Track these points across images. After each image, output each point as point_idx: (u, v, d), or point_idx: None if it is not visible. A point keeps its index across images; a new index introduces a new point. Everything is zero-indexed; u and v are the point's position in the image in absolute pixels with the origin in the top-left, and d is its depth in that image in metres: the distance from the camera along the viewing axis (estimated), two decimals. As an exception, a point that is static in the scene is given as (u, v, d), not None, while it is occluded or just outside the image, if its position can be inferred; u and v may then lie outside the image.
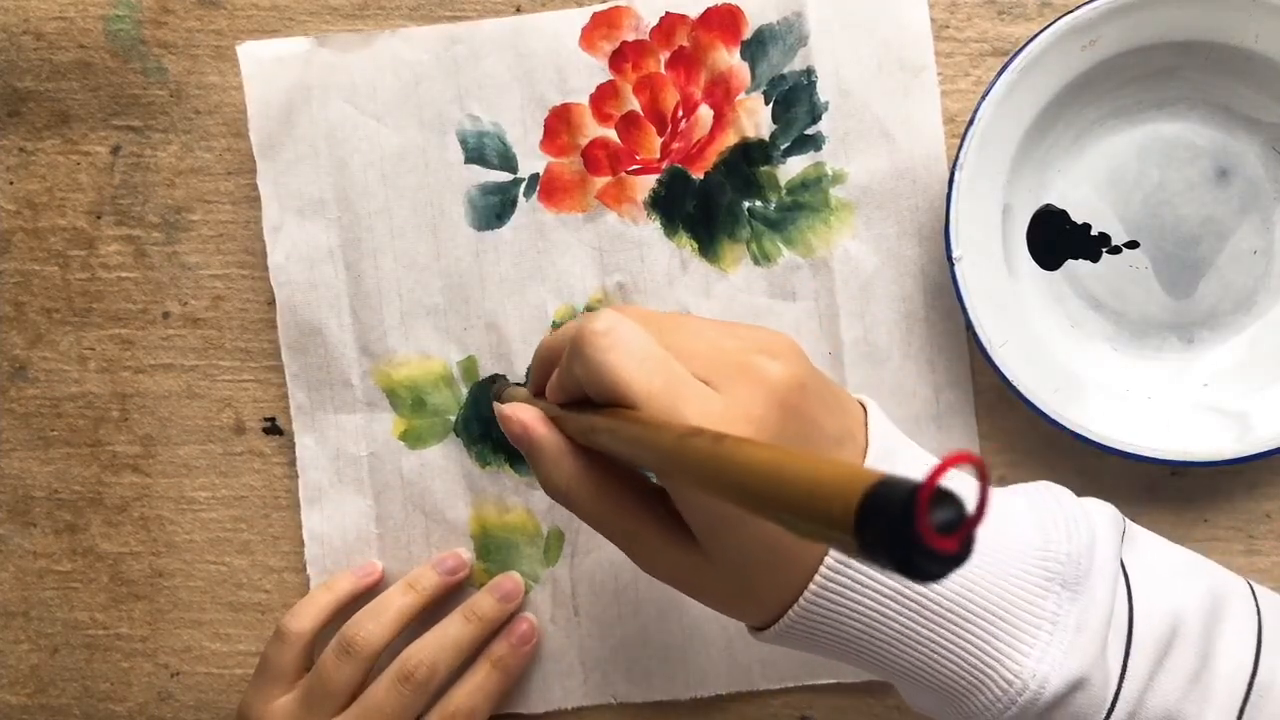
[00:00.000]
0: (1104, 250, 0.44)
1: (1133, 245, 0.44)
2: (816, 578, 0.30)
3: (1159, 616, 0.32)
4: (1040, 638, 0.30)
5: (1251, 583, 0.36)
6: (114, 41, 0.47)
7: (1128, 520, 0.35)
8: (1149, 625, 0.32)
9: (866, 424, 0.32)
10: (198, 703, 0.49)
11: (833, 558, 0.30)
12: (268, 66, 0.46)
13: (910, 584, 0.30)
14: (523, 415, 0.32)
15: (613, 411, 0.29)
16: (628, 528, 0.31)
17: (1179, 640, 0.32)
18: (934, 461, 0.33)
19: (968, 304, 0.41)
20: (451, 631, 0.44)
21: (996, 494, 0.34)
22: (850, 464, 0.19)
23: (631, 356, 0.29)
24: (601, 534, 0.32)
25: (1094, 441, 0.41)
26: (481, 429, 0.47)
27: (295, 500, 0.47)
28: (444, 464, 0.47)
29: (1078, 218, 0.44)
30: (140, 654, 0.49)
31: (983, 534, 0.31)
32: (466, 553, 0.47)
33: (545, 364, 0.34)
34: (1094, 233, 0.44)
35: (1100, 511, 0.34)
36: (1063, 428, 0.41)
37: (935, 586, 0.30)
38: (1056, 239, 0.44)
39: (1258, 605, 0.34)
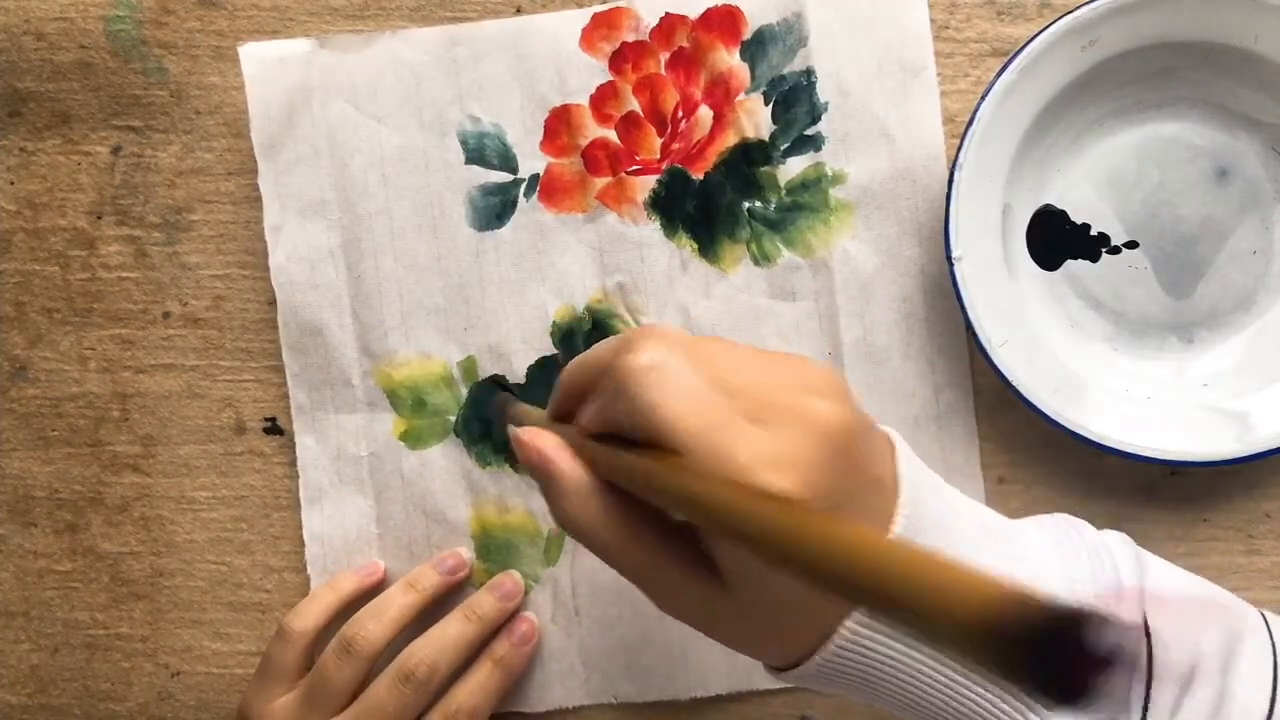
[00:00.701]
0: (1103, 250, 0.44)
1: (1132, 245, 0.44)
2: (849, 622, 0.29)
3: (1178, 651, 0.32)
4: None
5: (1264, 612, 0.36)
6: (115, 42, 0.47)
7: (1140, 550, 0.35)
8: (1168, 660, 0.32)
9: (894, 460, 0.31)
10: (198, 702, 0.49)
11: None
12: (269, 67, 0.46)
13: None
14: (542, 444, 0.30)
15: (658, 455, 0.27)
16: (648, 567, 0.30)
17: (1199, 674, 0.32)
18: (965, 500, 0.32)
19: (967, 304, 0.41)
20: (452, 630, 0.44)
21: (1018, 526, 0.34)
22: (987, 578, 0.18)
23: (680, 396, 0.27)
24: (615, 569, 0.31)
25: (1093, 441, 0.41)
26: (482, 429, 0.47)
27: (296, 500, 0.48)
28: (444, 464, 0.47)
29: (1077, 218, 0.44)
30: (141, 654, 0.49)
31: (1007, 570, 0.30)
32: (467, 552, 0.47)
33: (572, 388, 0.32)
34: (1093, 233, 0.44)
35: (1120, 547, 0.34)
36: (1062, 428, 0.41)
37: None
38: (1056, 239, 0.44)
39: (1271, 635, 0.34)
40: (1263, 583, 0.44)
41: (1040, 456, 0.45)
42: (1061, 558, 0.32)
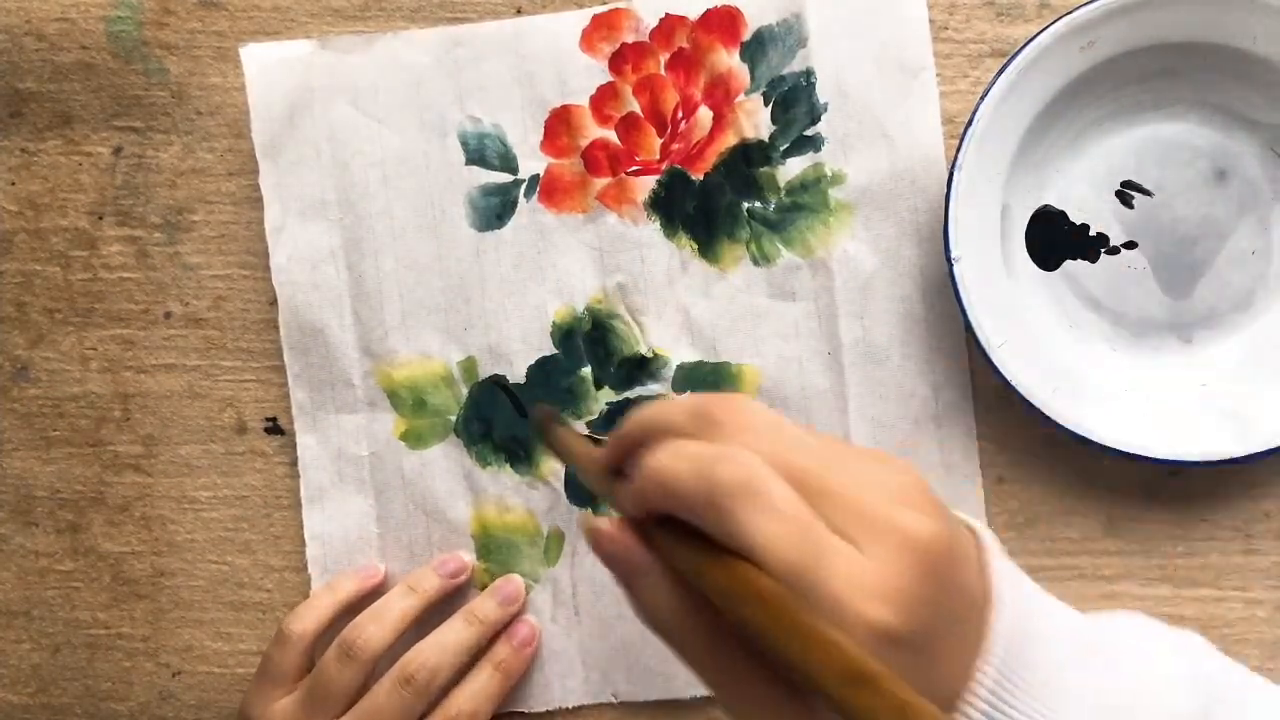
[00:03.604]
0: (1102, 250, 0.44)
1: (1131, 246, 0.44)
2: None
3: None
4: None
5: None
6: (115, 42, 0.47)
7: (1231, 670, 0.33)
8: None
9: (985, 563, 0.29)
10: (199, 702, 0.49)
11: (975, 711, 0.27)
12: (270, 69, 0.46)
13: None
14: (623, 540, 0.28)
15: (729, 564, 0.25)
16: (731, 677, 0.27)
17: None
18: (1055, 604, 0.30)
19: (966, 304, 0.41)
20: (452, 634, 0.44)
21: (1108, 640, 0.31)
22: None
23: (777, 521, 0.25)
24: (696, 673, 0.28)
25: (1093, 441, 0.41)
26: (482, 429, 0.47)
27: (296, 500, 0.48)
28: (445, 464, 0.47)
29: (1076, 218, 0.44)
30: (142, 653, 0.49)
31: (1113, 697, 0.29)
32: (468, 555, 0.47)
33: (635, 444, 0.30)
34: (1092, 233, 0.44)
35: (1207, 660, 0.32)
36: (1061, 428, 0.41)
37: None
38: (1055, 239, 0.44)
39: None
40: (1262, 582, 0.44)
41: (1039, 456, 0.45)
42: (1160, 682, 0.30)
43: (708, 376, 0.46)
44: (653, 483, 0.28)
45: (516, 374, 0.46)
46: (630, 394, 0.46)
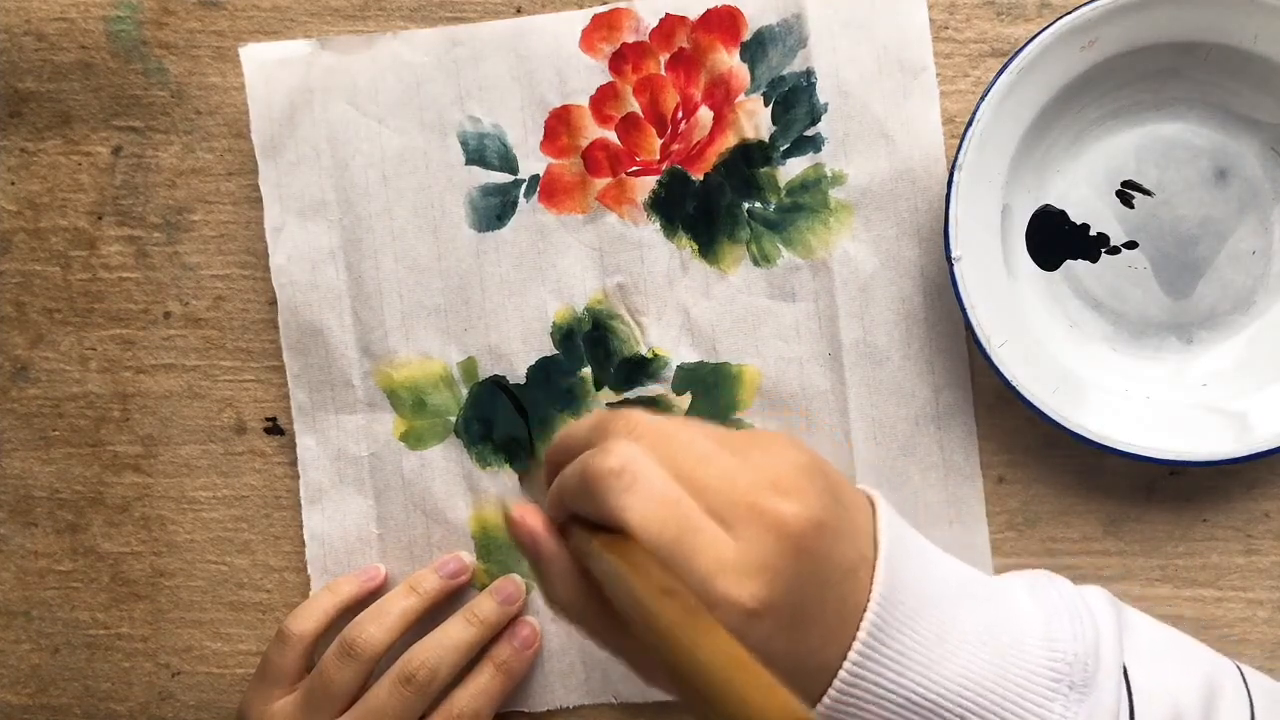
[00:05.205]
0: (1103, 250, 0.44)
1: (1131, 245, 0.44)
2: (826, 699, 0.30)
3: (1158, 706, 0.32)
4: None
5: (1239, 665, 0.36)
6: (115, 42, 0.47)
7: (1119, 604, 0.35)
8: (1149, 714, 0.32)
9: (875, 519, 0.31)
10: (198, 702, 0.49)
11: (846, 671, 0.29)
12: (270, 69, 0.46)
13: (921, 692, 0.30)
14: (532, 524, 0.31)
15: (609, 542, 0.28)
16: (627, 650, 0.31)
17: None
18: (947, 561, 0.33)
19: (967, 304, 0.41)
20: (453, 634, 0.44)
21: (999, 584, 0.34)
22: (789, 702, 0.20)
23: (647, 501, 0.28)
24: (594, 643, 0.31)
25: (1093, 441, 0.41)
26: (482, 430, 0.47)
27: (296, 500, 0.48)
28: (444, 464, 0.47)
29: (1077, 218, 0.44)
30: (141, 654, 0.49)
31: (991, 633, 0.31)
32: (468, 556, 0.47)
33: (555, 465, 0.33)
34: (1093, 233, 0.44)
35: (1100, 604, 0.34)
36: (1062, 427, 0.41)
37: (944, 691, 0.30)
38: (1055, 239, 0.44)
39: (1248, 688, 0.35)
40: (1262, 582, 0.44)
41: (1040, 456, 0.45)
42: (1043, 619, 0.32)
43: (708, 377, 0.46)
44: (556, 487, 0.31)
45: (516, 374, 0.46)
46: (630, 394, 0.46)
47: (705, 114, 0.45)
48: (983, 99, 0.40)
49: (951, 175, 0.41)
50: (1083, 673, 0.31)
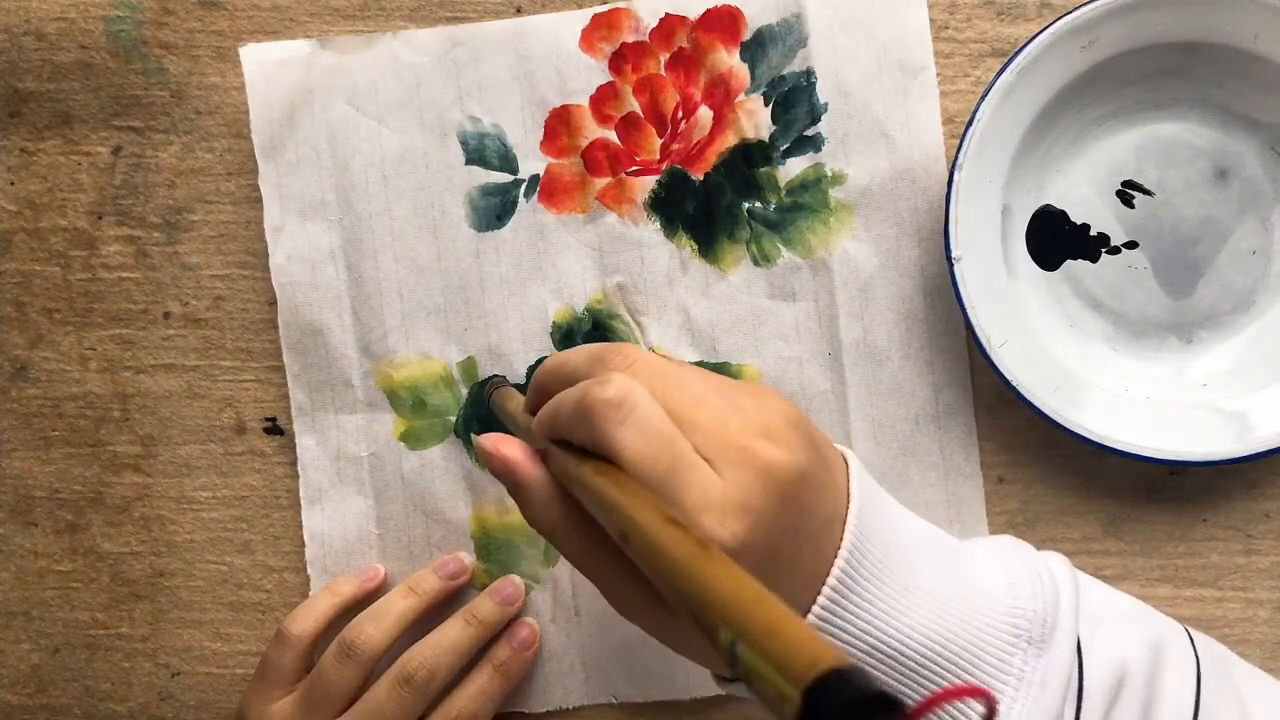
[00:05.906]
0: (1103, 250, 0.44)
1: (1132, 245, 0.44)
2: None
3: (1106, 666, 0.33)
4: (1006, 693, 0.31)
5: (1188, 629, 0.37)
6: (115, 42, 0.47)
7: (1076, 571, 0.36)
8: (1098, 675, 0.33)
9: (848, 477, 0.32)
10: (198, 702, 0.49)
11: (814, 616, 0.30)
12: (270, 69, 0.46)
13: (886, 640, 0.30)
14: (506, 452, 0.32)
15: (600, 469, 0.29)
16: (605, 574, 0.31)
17: (1125, 688, 0.33)
18: (915, 523, 0.34)
19: (967, 304, 0.41)
20: (452, 635, 0.44)
21: (965, 545, 0.35)
22: (812, 637, 0.20)
23: (641, 434, 0.28)
24: (580, 573, 0.32)
25: (1093, 441, 0.41)
26: (482, 430, 0.47)
27: (296, 500, 0.48)
28: (444, 465, 0.47)
29: (1077, 218, 0.44)
30: (141, 654, 0.49)
31: (955, 588, 0.32)
32: (468, 557, 0.47)
33: (544, 390, 0.34)
34: (1093, 233, 0.44)
35: (1060, 567, 0.35)
36: (1062, 428, 0.41)
37: (908, 640, 0.30)
38: (1056, 239, 0.44)
39: (1195, 650, 0.36)
40: (1262, 582, 0.44)
41: (1040, 456, 0.45)
42: (1005, 577, 0.33)
43: (708, 376, 0.46)
44: (548, 411, 0.32)
45: (516, 374, 0.46)
46: (630, 394, 0.46)
47: (705, 114, 0.45)
48: (983, 99, 0.40)
49: (951, 175, 0.41)
50: (1041, 629, 0.32)
